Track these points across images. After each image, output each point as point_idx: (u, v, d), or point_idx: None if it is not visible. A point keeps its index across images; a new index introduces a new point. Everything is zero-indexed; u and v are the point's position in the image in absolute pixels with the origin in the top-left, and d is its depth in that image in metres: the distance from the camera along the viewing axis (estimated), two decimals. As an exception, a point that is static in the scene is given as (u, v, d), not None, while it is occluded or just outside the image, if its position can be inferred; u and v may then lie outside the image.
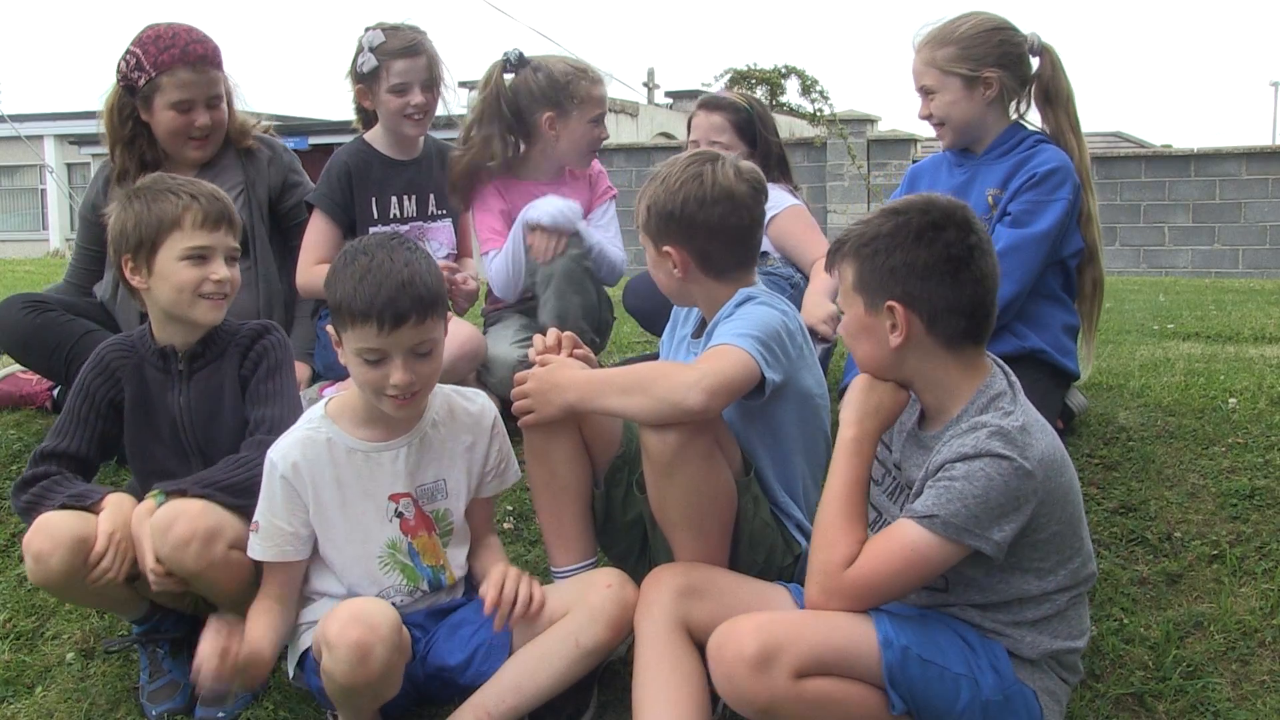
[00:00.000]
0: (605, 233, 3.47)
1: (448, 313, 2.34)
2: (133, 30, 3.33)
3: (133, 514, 2.34)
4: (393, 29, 3.33)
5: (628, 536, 2.49)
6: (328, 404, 2.35)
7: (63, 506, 2.38)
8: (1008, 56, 2.94)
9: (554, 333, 2.48)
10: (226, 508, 2.34)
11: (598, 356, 3.25)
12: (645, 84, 22.42)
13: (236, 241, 2.55)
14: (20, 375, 3.75)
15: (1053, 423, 2.87)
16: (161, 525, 2.27)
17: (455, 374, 3.23)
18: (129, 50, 3.25)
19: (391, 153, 3.44)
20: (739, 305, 2.34)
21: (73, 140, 24.05)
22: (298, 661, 2.33)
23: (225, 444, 2.52)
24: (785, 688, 1.93)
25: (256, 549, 2.27)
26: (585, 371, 2.33)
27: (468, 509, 2.42)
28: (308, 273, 3.32)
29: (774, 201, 3.43)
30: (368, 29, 3.35)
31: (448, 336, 2.37)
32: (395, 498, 2.33)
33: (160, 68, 3.20)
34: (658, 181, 2.38)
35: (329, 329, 2.28)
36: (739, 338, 2.21)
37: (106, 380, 2.54)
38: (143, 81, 3.21)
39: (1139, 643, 2.46)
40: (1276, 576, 2.60)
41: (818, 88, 12.78)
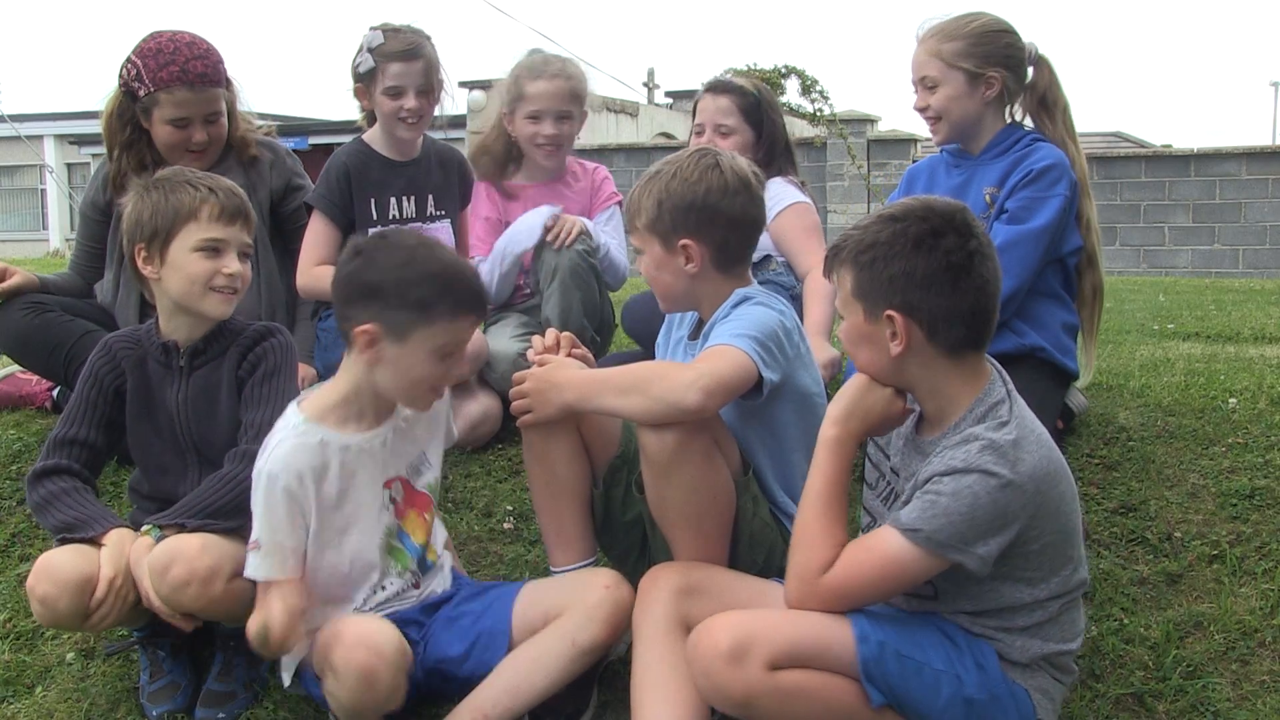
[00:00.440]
0: (611, 240, 3.47)
1: None
2: (133, 31, 3.37)
3: (131, 553, 2.33)
4: (394, 31, 3.32)
5: (627, 537, 2.49)
6: (300, 407, 2.29)
7: (61, 539, 2.37)
8: (1011, 59, 2.96)
9: (553, 332, 2.48)
10: (221, 532, 2.34)
11: (599, 355, 3.26)
12: (645, 84, 22.37)
13: (250, 238, 2.55)
14: (20, 375, 3.75)
15: (1052, 422, 2.89)
16: (159, 568, 2.25)
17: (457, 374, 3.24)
18: (131, 59, 3.23)
19: (390, 153, 3.43)
20: (735, 306, 2.34)
21: (73, 140, 24.06)
22: (294, 670, 2.31)
23: (220, 442, 2.52)
24: (760, 679, 1.93)
25: (258, 568, 2.19)
26: (583, 371, 2.33)
27: None
28: (308, 274, 3.31)
29: (778, 196, 3.42)
30: (371, 28, 3.34)
31: None
32: (389, 483, 2.34)
33: (159, 84, 3.19)
34: (667, 176, 2.35)
35: (365, 327, 2.20)
36: (737, 338, 2.21)
37: (113, 369, 2.56)
38: (142, 93, 3.21)
39: (1139, 643, 2.46)
40: (1276, 576, 2.60)
41: (818, 88, 12.72)
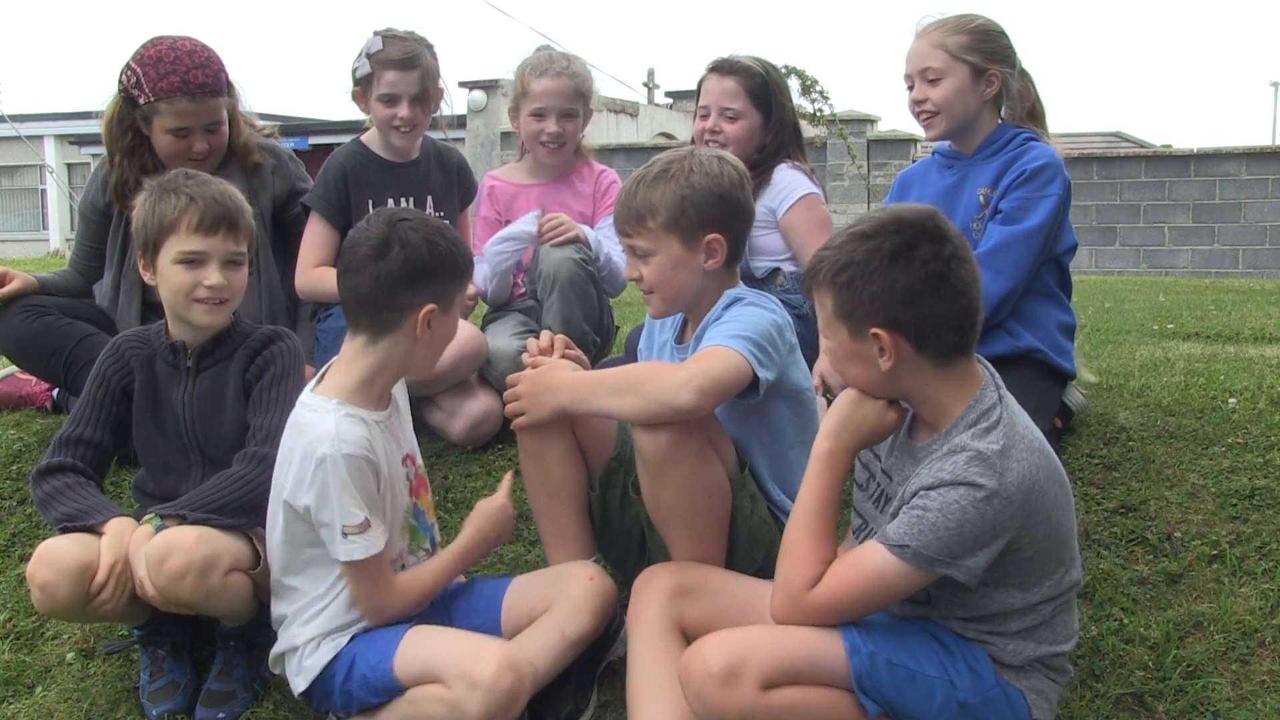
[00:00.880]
0: (615, 246, 3.44)
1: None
2: (133, 31, 3.33)
3: (131, 541, 2.34)
4: (394, 38, 3.31)
5: (626, 539, 2.50)
6: (320, 391, 2.27)
7: (62, 528, 2.38)
8: (1009, 61, 2.96)
9: (547, 334, 2.48)
10: (223, 529, 2.35)
11: (599, 361, 3.26)
12: (645, 84, 22.36)
13: (240, 246, 2.54)
14: (20, 375, 3.75)
15: (1050, 422, 2.88)
16: (155, 559, 2.26)
17: (458, 374, 3.24)
18: (131, 65, 3.20)
19: (388, 155, 3.42)
20: (727, 307, 2.34)
21: (73, 140, 24.05)
22: (308, 679, 2.28)
23: (224, 443, 2.53)
24: (753, 700, 1.93)
25: (360, 548, 2.16)
26: (577, 373, 2.33)
27: None
28: (306, 275, 3.30)
29: (789, 186, 3.27)
30: (374, 33, 3.33)
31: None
32: (405, 460, 2.36)
33: (159, 94, 3.16)
34: (684, 173, 2.32)
35: (429, 308, 2.24)
36: (731, 339, 2.21)
37: (121, 368, 2.57)
38: (142, 101, 3.19)
39: (1139, 643, 2.46)
40: (1276, 576, 2.60)
41: (818, 88, 12.68)
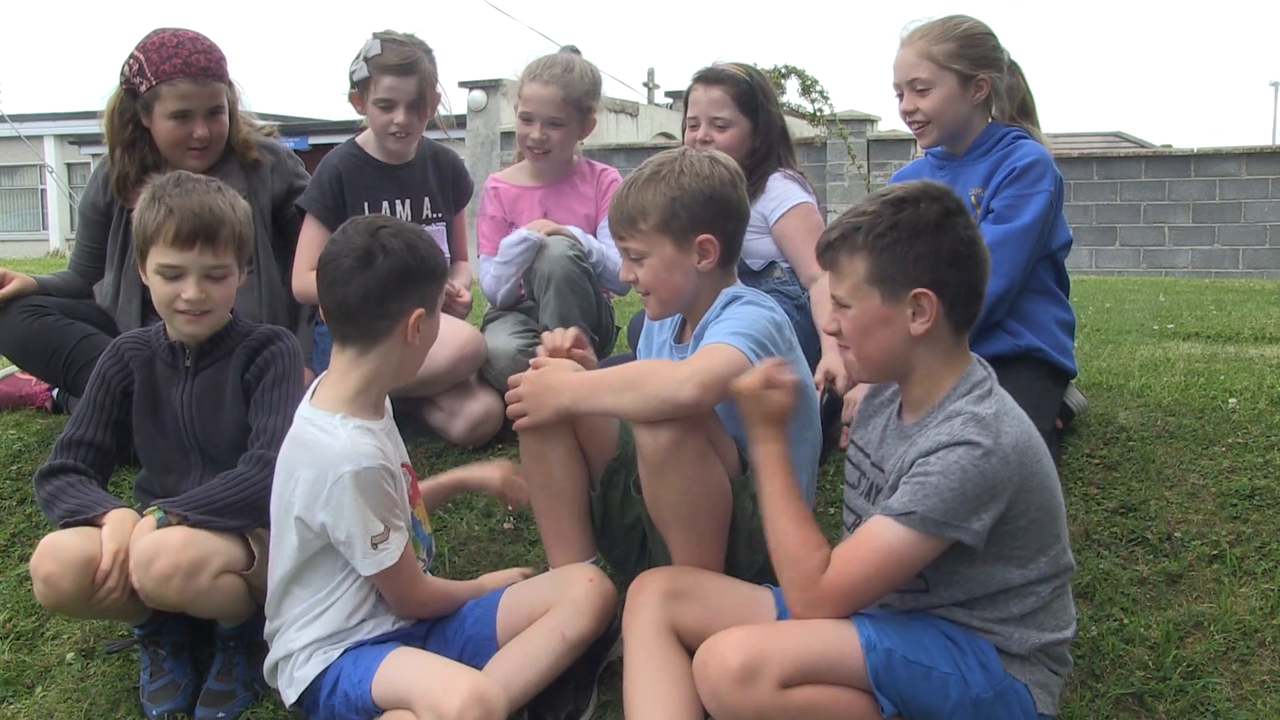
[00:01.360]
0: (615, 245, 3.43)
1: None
2: (134, 31, 3.34)
3: (133, 532, 2.34)
4: (393, 42, 3.29)
5: (626, 539, 2.50)
6: (319, 404, 2.27)
7: (63, 524, 2.39)
8: (998, 63, 2.95)
9: (561, 331, 2.48)
10: (223, 530, 2.35)
11: (601, 357, 3.25)
12: (645, 84, 22.34)
13: (221, 259, 2.50)
14: (20, 375, 3.75)
15: (1051, 421, 2.89)
16: (143, 560, 2.27)
17: (457, 375, 3.24)
18: (133, 55, 3.22)
19: (383, 157, 3.41)
20: (725, 306, 2.34)
21: (73, 140, 24.05)
22: (298, 691, 2.28)
23: (224, 442, 2.54)
24: (771, 699, 1.93)
25: (390, 554, 2.18)
26: (578, 374, 2.33)
27: None
28: (303, 278, 3.29)
29: (781, 195, 3.30)
30: (374, 35, 3.32)
31: (449, 337, 2.38)
32: (404, 467, 2.36)
33: (161, 77, 3.17)
34: (674, 174, 2.33)
35: (418, 312, 2.26)
36: (731, 336, 2.21)
37: (120, 369, 2.58)
38: (144, 88, 3.19)
39: (1139, 643, 2.46)
40: (1276, 576, 2.60)
41: (818, 88, 12.68)
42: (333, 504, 2.15)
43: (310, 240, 3.32)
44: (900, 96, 2.98)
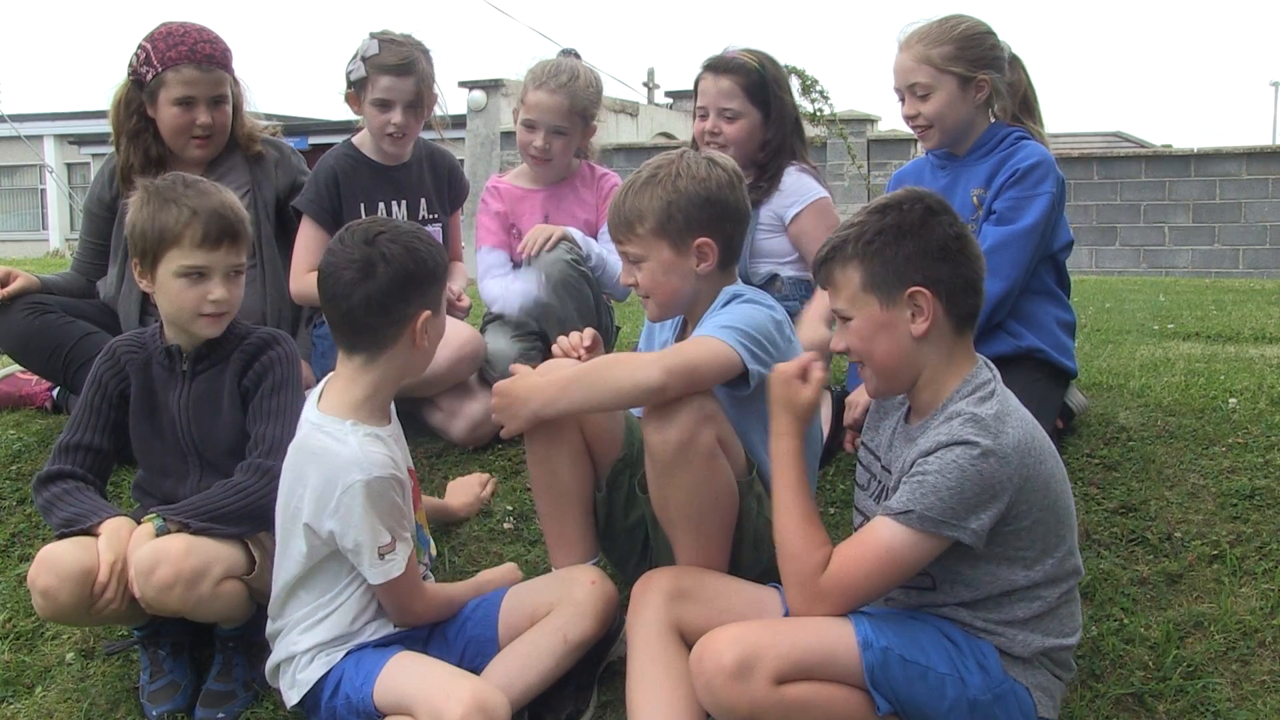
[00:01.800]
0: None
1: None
2: (133, 31, 3.36)
3: (130, 540, 2.34)
4: (391, 42, 3.29)
5: (629, 539, 2.50)
6: (326, 411, 2.27)
7: (60, 534, 2.38)
8: (998, 61, 2.93)
9: (577, 334, 2.47)
10: (224, 537, 2.35)
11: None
12: (645, 84, 22.32)
13: (242, 256, 2.53)
14: (20, 375, 3.75)
15: (1052, 422, 2.88)
16: (144, 569, 2.27)
17: (457, 375, 3.24)
18: (141, 44, 3.27)
19: (380, 158, 3.40)
20: (725, 304, 2.34)
21: (73, 140, 24.06)
22: (300, 693, 2.28)
23: (221, 446, 2.54)
24: (765, 695, 1.94)
25: (396, 564, 2.19)
26: (544, 378, 2.30)
27: None
28: (300, 280, 3.29)
29: (798, 190, 3.21)
30: (370, 35, 3.32)
31: (448, 338, 2.38)
32: (408, 472, 2.36)
33: (167, 63, 3.21)
34: (670, 177, 2.34)
35: (424, 315, 2.26)
36: (720, 329, 2.22)
37: (117, 373, 2.57)
38: (150, 76, 3.23)
39: (1139, 643, 2.46)
40: (1276, 576, 2.60)
41: (818, 88, 12.64)
42: (341, 512, 2.15)
43: (307, 241, 3.32)
44: (901, 100, 2.97)
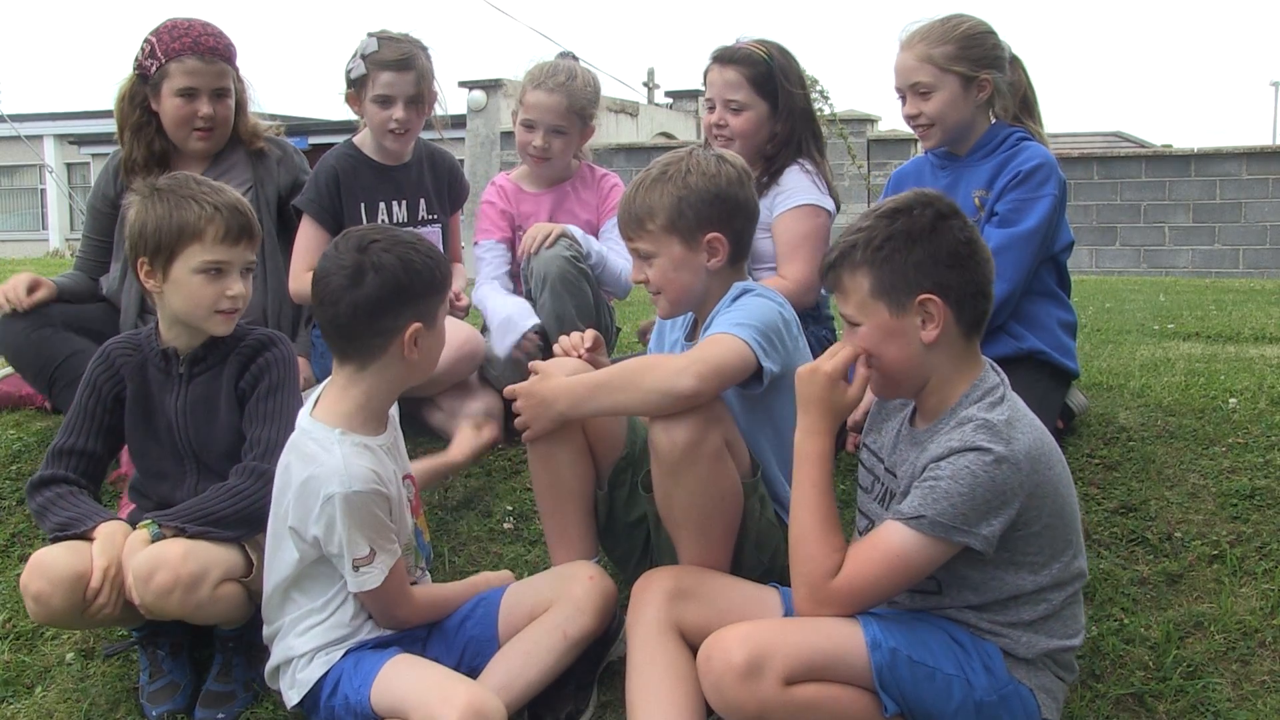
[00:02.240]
0: (620, 248, 3.41)
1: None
2: (134, 32, 3.39)
3: (125, 546, 2.33)
4: (390, 39, 3.30)
5: (630, 538, 2.50)
6: (319, 419, 2.25)
7: (54, 538, 2.38)
8: (1000, 61, 2.93)
9: (579, 334, 2.47)
10: (221, 541, 2.35)
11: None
12: (645, 84, 22.30)
13: (254, 254, 2.54)
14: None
15: (1053, 422, 2.88)
16: (143, 574, 2.26)
17: (456, 374, 3.24)
18: (147, 38, 3.32)
19: (380, 157, 3.40)
20: (735, 299, 2.34)
21: (73, 140, 24.05)
22: (301, 693, 2.28)
23: (218, 449, 2.53)
24: (774, 695, 1.93)
25: (372, 577, 2.19)
26: (571, 379, 2.31)
27: None
28: (300, 279, 3.28)
29: (791, 190, 3.14)
30: (369, 34, 3.33)
31: (448, 338, 2.38)
32: (407, 479, 2.36)
33: (170, 55, 3.25)
34: (681, 174, 2.35)
35: (415, 327, 2.23)
36: (736, 327, 2.21)
37: (111, 376, 2.56)
38: (154, 69, 3.27)
39: (1139, 643, 2.46)
40: (1276, 576, 2.60)
41: (818, 88, 12.65)
42: (324, 521, 2.16)
43: (306, 241, 3.32)
44: (903, 100, 2.96)
